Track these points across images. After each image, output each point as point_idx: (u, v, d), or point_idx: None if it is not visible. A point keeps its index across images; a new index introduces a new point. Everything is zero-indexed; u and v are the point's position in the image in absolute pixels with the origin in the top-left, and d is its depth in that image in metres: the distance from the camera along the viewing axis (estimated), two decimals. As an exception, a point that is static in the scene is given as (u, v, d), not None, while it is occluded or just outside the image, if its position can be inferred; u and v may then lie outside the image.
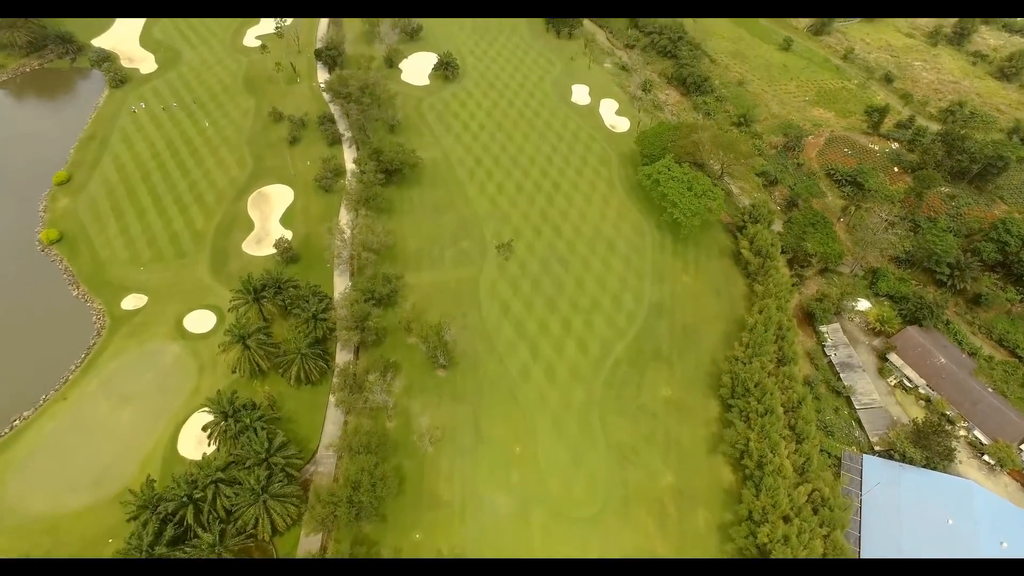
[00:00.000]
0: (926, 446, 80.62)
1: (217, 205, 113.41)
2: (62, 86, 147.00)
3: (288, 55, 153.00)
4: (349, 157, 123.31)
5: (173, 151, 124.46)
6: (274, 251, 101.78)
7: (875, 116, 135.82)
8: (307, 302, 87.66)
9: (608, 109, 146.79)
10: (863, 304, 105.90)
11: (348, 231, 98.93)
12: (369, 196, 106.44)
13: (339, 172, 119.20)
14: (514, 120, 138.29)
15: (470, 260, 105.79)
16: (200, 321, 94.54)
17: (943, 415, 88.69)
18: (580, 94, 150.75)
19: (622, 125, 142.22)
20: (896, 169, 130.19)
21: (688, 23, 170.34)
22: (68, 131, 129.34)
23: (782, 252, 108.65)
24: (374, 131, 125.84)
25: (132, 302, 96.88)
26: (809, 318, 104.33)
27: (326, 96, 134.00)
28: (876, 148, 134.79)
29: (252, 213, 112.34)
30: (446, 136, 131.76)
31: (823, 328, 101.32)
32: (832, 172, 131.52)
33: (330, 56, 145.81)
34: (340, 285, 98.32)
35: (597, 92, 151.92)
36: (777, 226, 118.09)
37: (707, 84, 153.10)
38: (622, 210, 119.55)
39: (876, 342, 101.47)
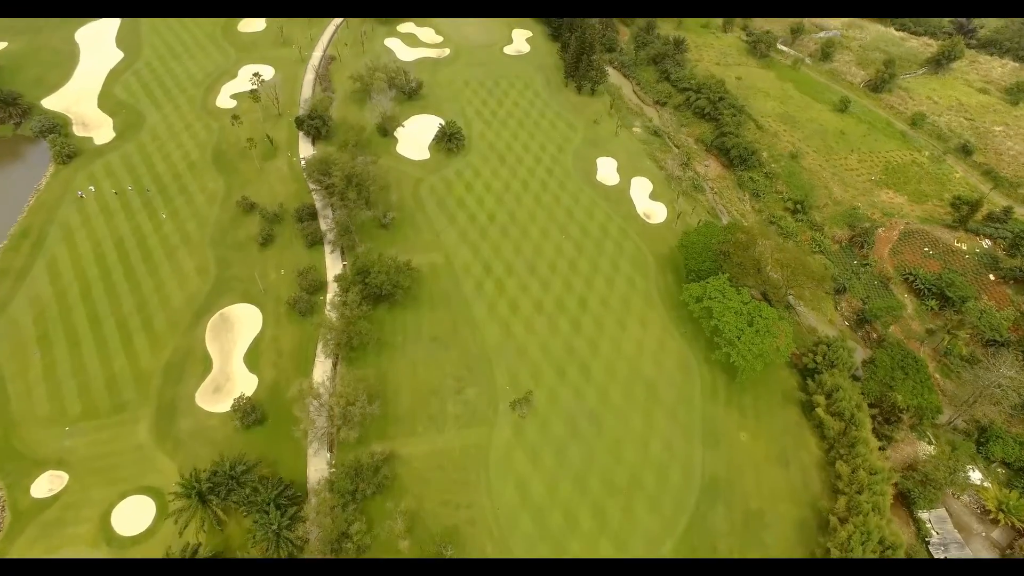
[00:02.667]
0: None
1: (169, 333, 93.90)
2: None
3: (266, 119, 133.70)
4: (331, 266, 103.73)
5: (122, 254, 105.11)
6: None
7: (963, 209, 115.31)
8: (267, 513, 68.04)
9: (641, 191, 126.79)
10: (974, 475, 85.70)
11: (324, 393, 79.22)
12: (352, 335, 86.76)
13: (318, 287, 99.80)
14: (530, 208, 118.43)
15: (477, 417, 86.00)
16: (134, 515, 74.99)
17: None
18: (607, 170, 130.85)
19: (658, 213, 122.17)
20: (992, 277, 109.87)
21: (730, 81, 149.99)
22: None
23: (869, 406, 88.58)
24: (363, 230, 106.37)
25: (47, 484, 77.45)
26: (901, 497, 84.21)
27: (308, 182, 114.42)
28: (964, 247, 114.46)
29: (211, 346, 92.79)
30: (449, 230, 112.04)
31: (924, 515, 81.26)
32: (910, 277, 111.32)
33: (313, 126, 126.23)
34: (315, 466, 78.75)
35: (627, 167, 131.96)
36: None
37: (754, 158, 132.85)
38: (663, 337, 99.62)
39: (997, 533, 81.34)
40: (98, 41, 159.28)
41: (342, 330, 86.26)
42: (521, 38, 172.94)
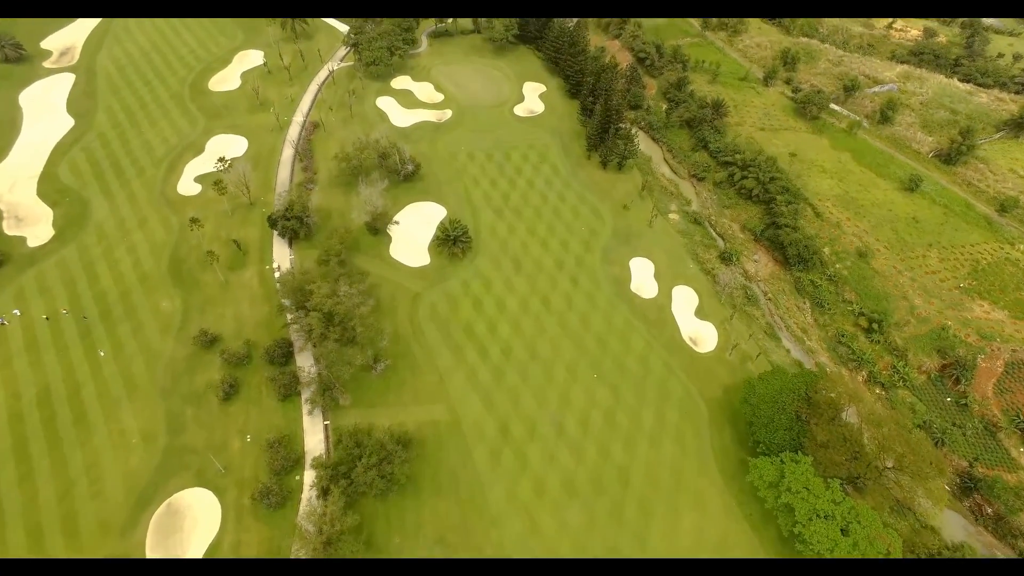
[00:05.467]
0: None
1: (99, 538, 74.97)
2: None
3: (234, 211, 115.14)
4: (309, 430, 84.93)
5: (46, 413, 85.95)
6: (174, 671, 63.40)
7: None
8: None
9: (684, 306, 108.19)
10: None
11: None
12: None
13: (293, 463, 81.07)
14: (553, 336, 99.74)
15: (497, 670, 67.24)
16: None
17: None
18: (643, 276, 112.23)
19: (707, 337, 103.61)
20: None
21: (783, 158, 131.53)
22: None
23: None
24: (348, 378, 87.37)
25: None
26: None
27: (284, 311, 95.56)
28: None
29: (153, 555, 73.98)
30: (455, 372, 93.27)
31: None
32: None
33: (289, 227, 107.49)
34: None
35: (666, 272, 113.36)
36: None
37: (815, 257, 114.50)
38: (725, 523, 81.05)
39: None
40: (45, 105, 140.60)
41: (321, 544, 67.40)
42: (534, 94, 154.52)
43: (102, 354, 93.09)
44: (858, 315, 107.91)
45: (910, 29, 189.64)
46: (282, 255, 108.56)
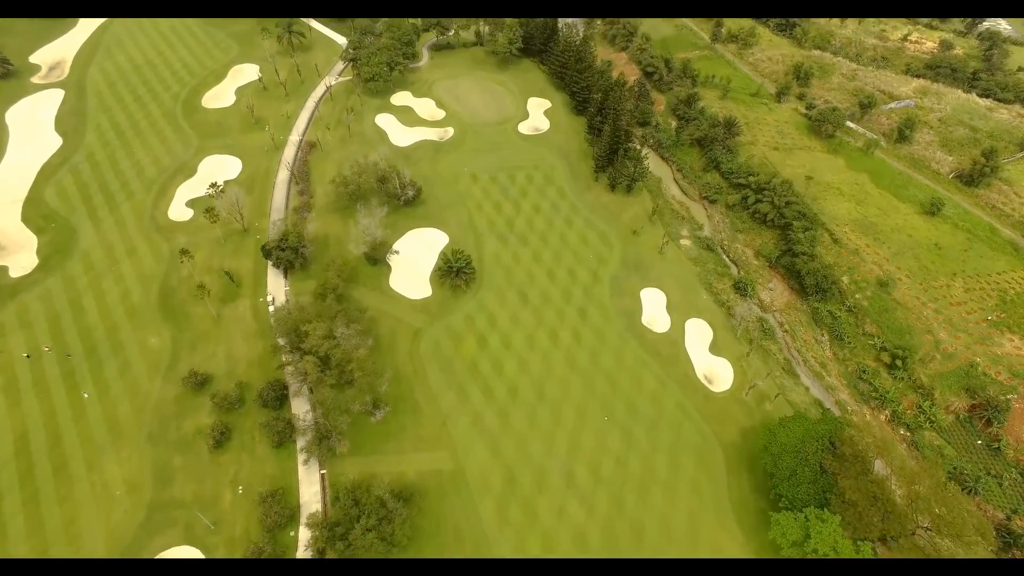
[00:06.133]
0: None
1: (79, 601, 70.73)
2: None
3: (227, 239, 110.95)
4: (304, 480, 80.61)
5: (24, 462, 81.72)
6: None
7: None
8: None
9: (698, 340, 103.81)
10: None
11: None
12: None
13: (288, 518, 76.76)
14: (561, 375, 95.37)
15: None
16: None
17: None
18: (654, 309, 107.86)
19: (722, 375, 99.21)
20: None
21: (798, 179, 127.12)
22: None
23: None
24: (346, 426, 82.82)
25: None
26: None
27: (279, 350, 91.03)
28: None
29: (134, 625, 69.66)
30: (458, 417, 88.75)
31: None
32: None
33: (284, 258, 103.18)
34: None
35: (679, 304, 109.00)
36: None
37: (834, 287, 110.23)
38: (748, 585, 76.54)
39: None
40: (33, 123, 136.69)
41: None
42: (539, 110, 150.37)
43: (86, 396, 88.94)
44: (880, 349, 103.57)
45: (925, 41, 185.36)
46: (277, 286, 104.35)
